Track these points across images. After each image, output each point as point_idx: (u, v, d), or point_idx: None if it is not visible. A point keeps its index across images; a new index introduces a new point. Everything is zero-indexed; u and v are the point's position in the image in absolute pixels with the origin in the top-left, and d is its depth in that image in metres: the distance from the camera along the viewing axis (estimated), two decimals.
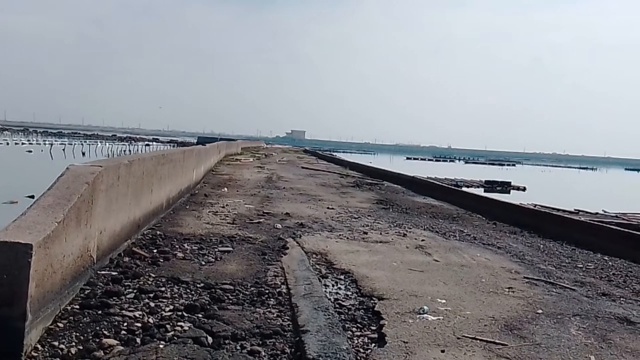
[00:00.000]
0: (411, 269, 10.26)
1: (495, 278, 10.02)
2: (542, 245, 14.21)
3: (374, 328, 7.12)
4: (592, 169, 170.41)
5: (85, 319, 6.57)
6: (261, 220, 14.95)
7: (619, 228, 16.56)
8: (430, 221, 17.32)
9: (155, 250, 10.27)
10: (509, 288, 9.33)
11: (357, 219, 16.59)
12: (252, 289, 8.40)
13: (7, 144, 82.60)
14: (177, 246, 10.85)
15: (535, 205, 28.23)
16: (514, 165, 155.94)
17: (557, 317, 7.91)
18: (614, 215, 30.29)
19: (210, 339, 6.25)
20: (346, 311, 7.76)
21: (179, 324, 6.66)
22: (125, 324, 6.51)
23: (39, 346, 5.73)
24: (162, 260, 9.59)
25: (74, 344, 5.89)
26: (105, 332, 6.22)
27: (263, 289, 8.39)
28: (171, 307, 7.26)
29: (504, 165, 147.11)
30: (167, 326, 6.54)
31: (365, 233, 13.93)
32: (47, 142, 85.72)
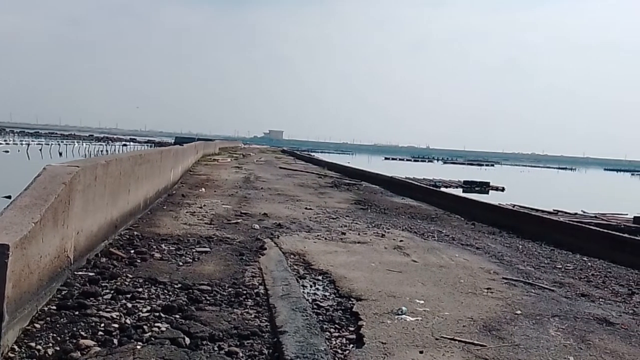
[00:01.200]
0: (389, 270, 10.27)
1: (473, 279, 10.05)
2: (520, 246, 14.28)
3: (352, 329, 7.12)
4: (571, 169, 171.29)
5: (62, 319, 6.54)
6: (239, 220, 14.92)
7: (597, 228, 16.66)
8: (408, 222, 17.36)
9: (132, 251, 10.24)
10: (487, 289, 9.36)
11: (335, 219, 16.60)
12: (230, 289, 8.38)
13: None
14: (154, 247, 10.81)
15: (514, 206, 28.36)
16: (492, 165, 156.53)
17: (536, 317, 7.93)
18: (593, 215, 30.49)
19: (187, 340, 6.23)
20: (324, 312, 7.75)
21: (156, 324, 6.64)
22: (103, 324, 6.48)
23: (15, 347, 5.70)
24: (139, 261, 9.56)
25: (51, 344, 5.86)
26: (83, 333, 6.19)
27: (241, 290, 8.38)
28: (148, 307, 7.24)
29: (482, 165, 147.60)
30: (145, 327, 6.51)
31: (344, 233, 13.94)
32: (24, 142, 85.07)
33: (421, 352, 6.30)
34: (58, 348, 5.78)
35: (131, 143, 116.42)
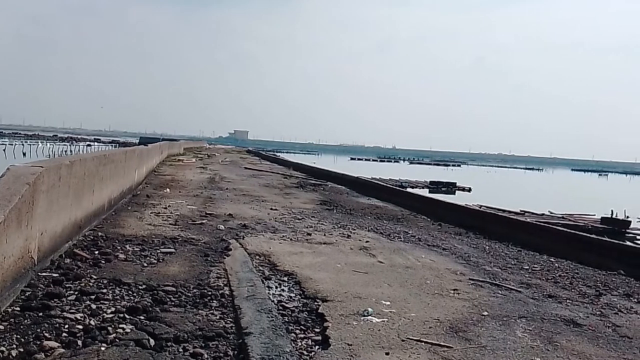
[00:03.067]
0: (355, 271, 10.28)
1: (440, 280, 10.05)
2: (487, 247, 14.34)
3: (317, 330, 7.12)
4: (538, 169, 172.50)
5: (26, 321, 6.48)
6: (204, 221, 14.88)
7: (565, 229, 16.79)
8: (374, 222, 17.40)
9: (96, 252, 10.16)
10: (454, 290, 9.36)
11: (300, 220, 16.60)
12: (195, 290, 8.36)
13: None
14: (118, 247, 10.75)
15: (480, 206, 28.53)
16: (459, 165, 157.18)
17: (503, 319, 7.95)
18: (560, 216, 30.76)
19: (152, 342, 6.20)
20: (290, 313, 7.75)
21: (120, 326, 6.60)
22: (67, 326, 6.43)
23: None
24: (103, 262, 9.50)
25: (14, 346, 5.81)
26: (46, 335, 6.14)
27: (206, 291, 8.36)
28: (113, 309, 7.20)
29: (449, 165, 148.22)
30: (109, 328, 6.48)
31: (309, 234, 13.93)
32: None
33: (387, 354, 6.31)
34: (22, 349, 5.74)
35: (95, 143, 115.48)
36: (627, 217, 33.20)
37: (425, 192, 41.36)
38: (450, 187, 52.12)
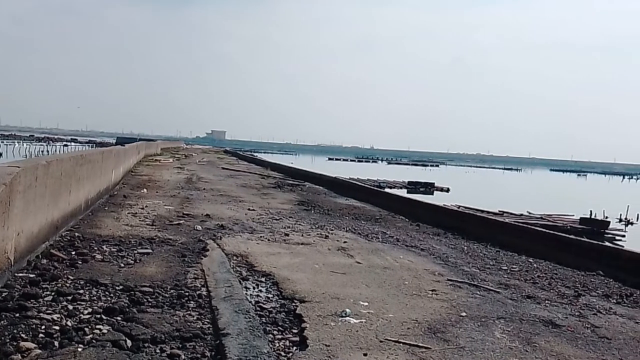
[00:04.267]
0: (333, 271, 10.29)
1: (418, 280, 10.07)
2: (466, 247, 14.36)
3: (295, 331, 7.12)
4: (516, 169, 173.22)
5: (2, 322, 6.44)
6: (181, 221, 14.86)
7: (543, 230, 16.89)
8: (352, 223, 17.42)
9: (73, 252, 10.12)
10: (432, 290, 9.37)
11: (278, 220, 16.60)
12: (172, 291, 8.34)
13: None
14: (95, 248, 10.71)
15: (459, 207, 28.64)
16: (437, 166, 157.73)
17: (481, 320, 7.96)
18: (539, 216, 30.92)
19: (129, 342, 6.19)
20: (267, 314, 7.75)
21: (97, 326, 6.58)
22: (43, 327, 6.41)
23: None
24: (80, 263, 9.46)
25: None
26: (23, 335, 6.11)
27: (183, 292, 8.34)
28: (90, 309, 7.17)
29: (427, 166, 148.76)
30: (86, 329, 6.46)
31: (287, 235, 13.93)
32: None
33: (365, 355, 6.31)
34: None
35: (72, 143, 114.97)
36: (606, 217, 33.48)
37: (403, 193, 41.45)
38: (429, 188, 52.30)
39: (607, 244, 18.76)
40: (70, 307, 7.21)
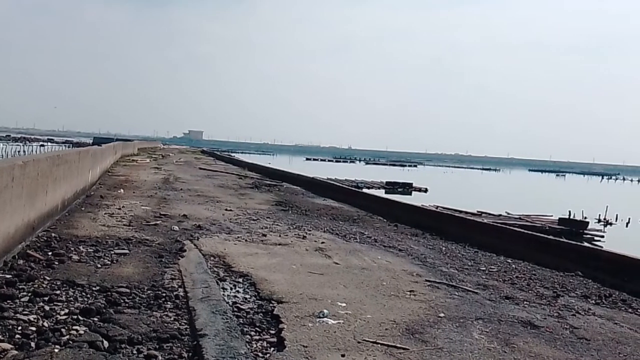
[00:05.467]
0: (311, 272, 10.29)
1: (396, 281, 10.07)
2: (444, 248, 14.36)
3: (273, 332, 7.11)
4: (495, 170, 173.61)
5: None
6: (158, 222, 14.82)
7: (522, 230, 16.89)
8: (330, 223, 17.42)
9: (50, 253, 10.08)
10: (410, 291, 9.37)
11: (255, 220, 16.59)
12: (149, 292, 8.33)
13: None
14: (72, 249, 10.67)
15: (437, 207, 28.74)
16: (415, 166, 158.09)
17: (460, 320, 7.95)
18: (518, 217, 31.02)
19: (106, 343, 6.18)
20: (245, 315, 7.74)
21: (74, 327, 6.57)
22: (20, 327, 6.39)
23: None
24: (57, 263, 9.42)
25: None
26: None
27: (160, 292, 8.33)
28: (66, 310, 7.16)
29: (405, 166, 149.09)
30: (63, 330, 6.45)
31: (264, 235, 13.91)
32: None
33: (343, 356, 6.31)
34: None
35: (49, 143, 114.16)
36: (585, 218, 33.66)
37: (381, 193, 41.54)
38: (407, 188, 52.42)
39: (586, 244, 18.84)
40: (47, 307, 7.19)
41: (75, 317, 6.96)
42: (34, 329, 6.40)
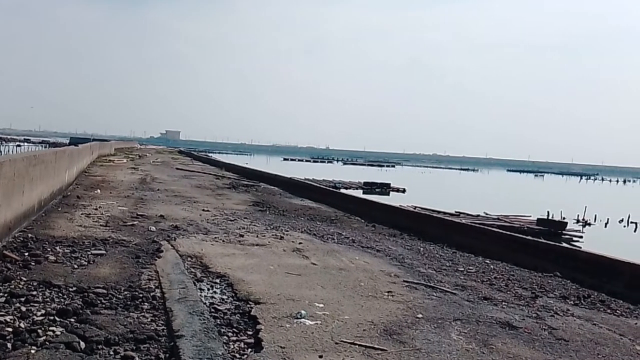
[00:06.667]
0: (288, 273, 10.28)
1: (374, 282, 10.07)
2: (422, 248, 14.40)
3: (250, 333, 7.11)
4: (473, 170, 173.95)
5: None
6: (135, 222, 14.78)
7: (500, 231, 16.92)
8: (307, 224, 17.45)
9: (26, 253, 10.05)
10: (388, 292, 9.38)
11: (233, 221, 16.58)
12: (126, 292, 8.31)
13: None
14: (49, 249, 10.63)
15: (415, 207, 28.78)
16: (393, 166, 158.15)
17: (438, 321, 7.96)
18: (496, 217, 31.08)
19: (82, 344, 6.16)
20: (222, 316, 7.73)
21: (51, 328, 6.55)
22: None
23: None
24: (33, 264, 9.39)
25: None
26: None
27: (137, 293, 8.31)
28: (43, 311, 7.13)
29: (383, 166, 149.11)
30: (39, 331, 6.43)
31: (242, 236, 13.90)
32: None
33: (321, 357, 6.32)
34: None
35: (25, 144, 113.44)
36: (564, 218, 33.79)
37: (359, 193, 41.53)
38: (385, 188, 52.49)
39: (564, 245, 18.92)
40: (24, 308, 7.16)
41: (52, 318, 6.93)
42: (10, 330, 6.37)
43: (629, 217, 39.70)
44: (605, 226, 38.01)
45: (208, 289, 9.07)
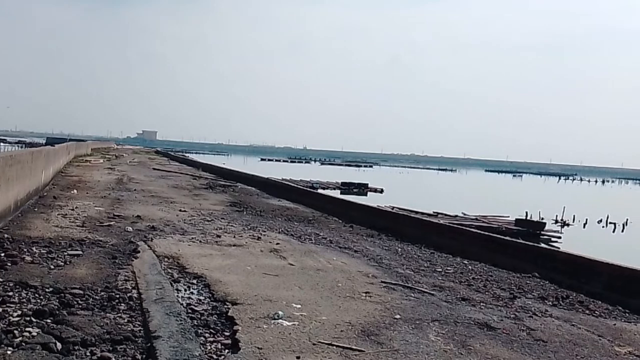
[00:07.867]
0: (266, 273, 10.28)
1: (352, 282, 10.08)
2: (400, 249, 14.43)
3: (227, 334, 7.12)
4: (451, 170, 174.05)
5: None
6: (112, 223, 14.74)
7: (478, 231, 16.93)
8: (285, 224, 17.45)
9: (2, 254, 10.00)
10: (366, 293, 9.38)
11: (210, 221, 16.57)
12: (103, 293, 8.29)
13: None
14: (25, 250, 10.59)
15: (393, 208, 28.75)
16: (371, 166, 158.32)
17: (416, 322, 7.97)
18: (474, 217, 31.10)
19: (59, 345, 6.15)
20: (199, 316, 7.74)
21: (27, 329, 6.53)
22: None
23: None
24: (9, 264, 9.35)
25: None
26: None
27: (114, 294, 8.30)
28: (19, 312, 7.11)
29: (361, 166, 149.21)
30: (15, 332, 6.41)
31: (219, 236, 13.90)
32: None
33: (298, 358, 6.32)
34: None
35: (1, 144, 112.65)
36: (542, 218, 33.87)
37: (336, 194, 41.44)
38: (362, 188, 52.49)
39: (543, 245, 18.98)
40: (0, 309, 7.13)
41: (28, 318, 6.91)
42: None
43: (607, 217, 39.82)
44: (584, 226, 38.11)
45: (185, 290, 9.07)
